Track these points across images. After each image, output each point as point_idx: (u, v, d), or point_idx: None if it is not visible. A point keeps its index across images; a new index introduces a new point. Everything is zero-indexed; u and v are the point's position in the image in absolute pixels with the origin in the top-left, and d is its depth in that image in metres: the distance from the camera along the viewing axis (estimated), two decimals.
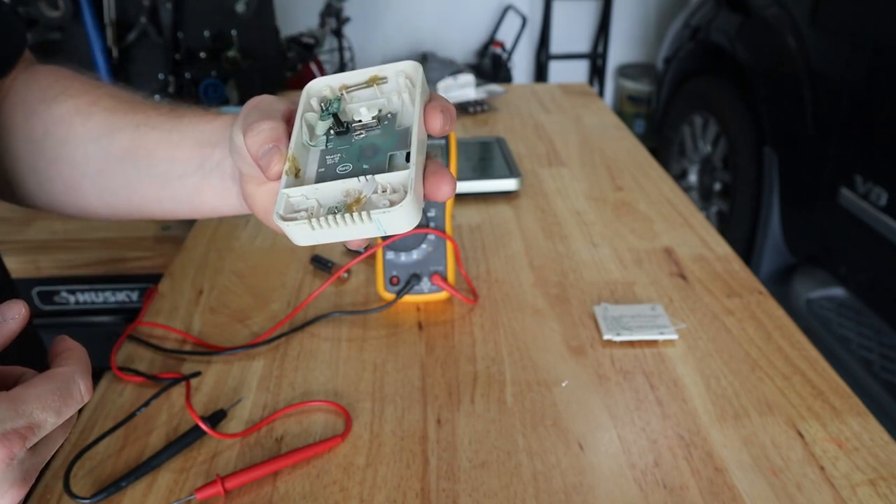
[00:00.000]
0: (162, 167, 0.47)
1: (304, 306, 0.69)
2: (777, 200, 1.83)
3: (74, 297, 1.09)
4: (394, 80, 0.39)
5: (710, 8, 2.18)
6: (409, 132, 0.37)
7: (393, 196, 0.34)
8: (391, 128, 0.38)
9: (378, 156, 0.36)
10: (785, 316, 0.69)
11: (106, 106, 0.49)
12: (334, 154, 0.37)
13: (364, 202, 0.34)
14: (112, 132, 0.49)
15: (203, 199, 0.47)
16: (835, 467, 0.51)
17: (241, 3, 1.29)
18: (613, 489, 0.50)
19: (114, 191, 0.50)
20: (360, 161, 0.36)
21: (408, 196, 0.33)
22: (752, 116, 1.93)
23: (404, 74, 0.38)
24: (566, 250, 0.80)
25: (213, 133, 0.46)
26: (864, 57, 1.54)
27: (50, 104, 0.50)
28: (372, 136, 0.37)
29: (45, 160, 0.50)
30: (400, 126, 0.38)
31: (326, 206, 0.35)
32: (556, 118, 1.25)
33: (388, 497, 0.49)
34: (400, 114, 0.38)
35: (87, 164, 0.49)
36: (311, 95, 0.39)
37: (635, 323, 0.66)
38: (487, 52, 3.12)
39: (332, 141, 0.38)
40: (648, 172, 1.02)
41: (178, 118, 0.48)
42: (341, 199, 0.35)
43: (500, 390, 0.59)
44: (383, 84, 0.39)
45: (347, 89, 0.39)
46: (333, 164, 0.37)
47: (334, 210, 0.35)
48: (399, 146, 0.36)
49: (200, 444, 0.54)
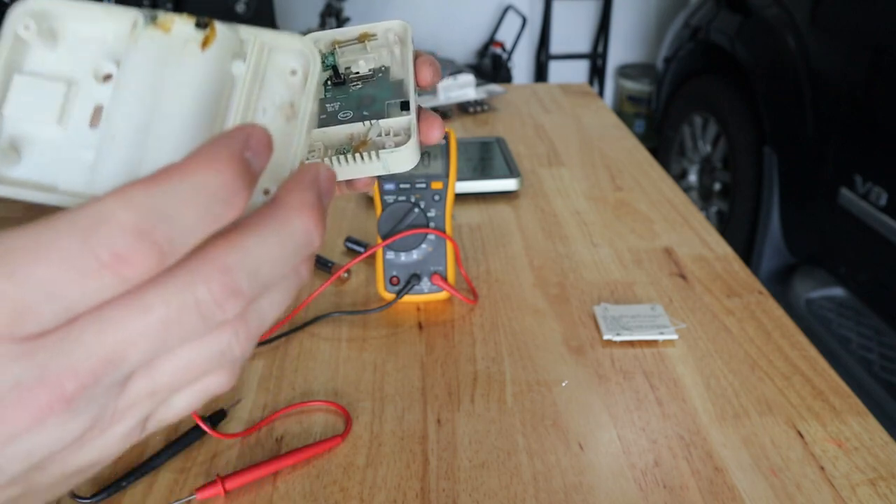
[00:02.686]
0: None
1: (304, 306, 0.69)
2: (777, 200, 1.83)
3: None
4: (383, 36, 0.42)
5: (710, 8, 2.18)
6: (402, 83, 0.41)
7: (397, 138, 0.39)
8: (385, 80, 0.41)
9: (376, 104, 0.40)
10: (785, 316, 0.69)
11: None
12: (333, 102, 0.41)
13: (370, 144, 0.39)
14: None
15: None
16: (834, 467, 0.51)
17: (241, 3, 1.29)
18: (613, 489, 0.50)
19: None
20: (360, 109, 0.40)
21: (412, 137, 0.38)
22: (752, 116, 1.94)
23: (393, 32, 0.42)
24: (566, 250, 0.80)
25: None
26: (864, 57, 1.54)
27: None
28: (368, 87, 0.41)
29: None
30: (394, 78, 0.41)
31: (334, 147, 0.39)
32: (556, 118, 1.25)
33: (388, 497, 0.49)
34: (391, 68, 0.42)
35: None
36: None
37: (635, 323, 0.66)
38: (487, 53, 3.13)
39: (330, 91, 0.41)
40: (648, 172, 1.02)
41: None
42: (347, 142, 0.39)
43: (500, 390, 0.59)
44: (373, 40, 0.42)
45: (340, 44, 0.42)
46: (334, 112, 0.40)
47: (343, 150, 0.38)
48: (395, 96, 0.41)
49: (200, 444, 0.54)
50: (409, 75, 0.40)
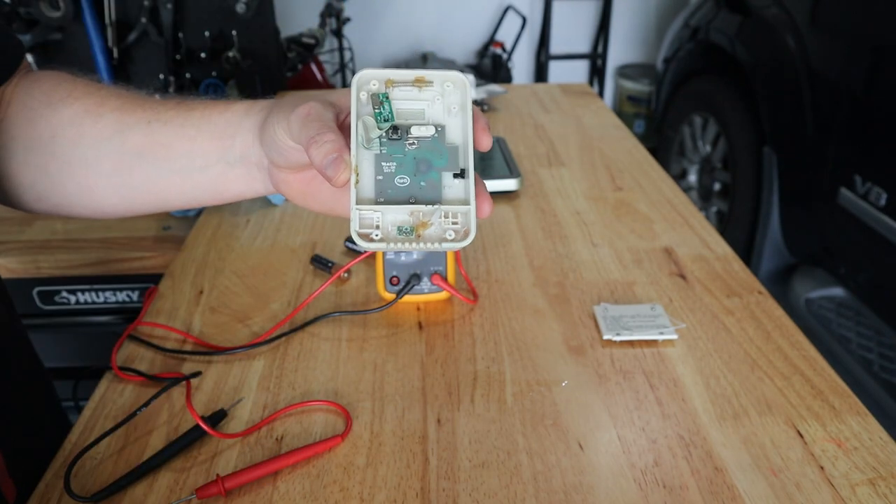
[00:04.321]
0: (181, 161, 0.49)
1: (305, 306, 0.69)
2: (776, 200, 1.83)
3: (75, 297, 1.09)
4: (438, 85, 0.42)
5: (709, 8, 2.18)
6: (458, 149, 0.42)
7: (455, 225, 0.40)
8: (441, 142, 0.42)
9: (431, 173, 0.41)
10: (784, 316, 0.69)
11: (114, 106, 0.50)
12: (389, 162, 0.41)
13: (430, 226, 0.40)
14: (124, 130, 0.49)
15: (227, 188, 0.50)
16: (834, 467, 0.51)
17: (241, 3, 1.29)
18: (613, 489, 0.50)
19: (133, 186, 0.51)
20: (417, 177, 0.41)
21: (471, 234, 0.40)
22: (751, 116, 1.94)
23: (450, 82, 0.42)
24: (566, 250, 0.80)
25: (227, 125, 0.48)
26: (864, 57, 1.54)
27: (56, 108, 0.50)
28: (424, 148, 0.42)
29: (55, 163, 0.50)
30: (450, 143, 0.42)
31: (395, 225, 0.40)
32: (556, 118, 1.25)
33: (388, 497, 0.49)
34: (447, 128, 0.42)
35: (101, 163, 0.50)
36: (360, 88, 0.42)
37: (635, 323, 0.66)
38: (487, 53, 3.12)
39: (386, 145, 0.42)
40: (648, 172, 1.02)
41: (188, 111, 0.49)
42: (408, 219, 0.40)
43: (500, 390, 0.59)
44: (428, 88, 0.42)
45: (394, 84, 0.42)
46: (391, 174, 0.41)
47: (405, 230, 0.40)
48: (450, 166, 0.41)
49: (201, 444, 0.54)
50: (469, 149, 0.41)
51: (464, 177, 0.41)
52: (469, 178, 0.41)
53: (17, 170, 0.51)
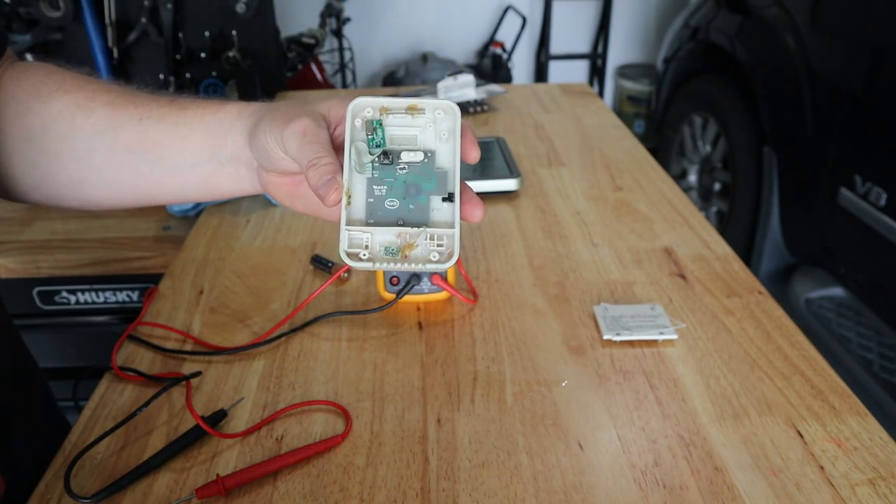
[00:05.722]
0: (173, 159, 0.50)
1: (305, 306, 0.69)
2: (776, 200, 1.83)
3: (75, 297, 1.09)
4: (430, 113, 0.44)
5: (709, 8, 2.18)
6: (447, 174, 0.44)
7: (440, 247, 0.42)
8: (430, 167, 0.44)
9: (420, 196, 0.43)
10: (784, 316, 0.69)
11: (105, 101, 0.50)
12: (381, 185, 0.43)
13: (416, 247, 0.43)
14: (115, 127, 0.49)
15: (218, 185, 0.51)
16: (834, 467, 0.51)
17: (241, 3, 1.29)
18: (613, 489, 0.50)
19: (124, 181, 0.51)
20: (406, 200, 0.43)
21: (454, 256, 0.42)
22: (751, 116, 1.94)
23: (441, 110, 0.44)
24: (566, 250, 0.80)
25: (219, 125, 0.49)
26: (864, 57, 1.54)
27: (46, 100, 0.50)
28: (414, 173, 0.44)
29: (46, 156, 0.50)
30: (439, 168, 0.44)
31: (383, 245, 0.43)
32: (556, 118, 1.25)
33: (388, 497, 0.49)
34: (437, 153, 0.44)
35: (92, 157, 0.50)
36: (355, 115, 0.44)
37: (635, 323, 0.66)
38: (487, 53, 3.12)
39: (378, 169, 0.44)
40: (648, 172, 1.02)
41: (180, 110, 0.49)
42: (395, 240, 0.43)
43: (500, 390, 0.59)
44: (420, 115, 0.44)
45: (387, 112, 0.44)
46: (381, 197, 0.43)
47: (391, 251, 0.42)
48: (439, 190, 0.43)
49: (200, 444, 0.54)
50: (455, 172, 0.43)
51: (451, 200, 0.43)
52: (455, 203, 0.43)
53: (6, 161, 0.51)
